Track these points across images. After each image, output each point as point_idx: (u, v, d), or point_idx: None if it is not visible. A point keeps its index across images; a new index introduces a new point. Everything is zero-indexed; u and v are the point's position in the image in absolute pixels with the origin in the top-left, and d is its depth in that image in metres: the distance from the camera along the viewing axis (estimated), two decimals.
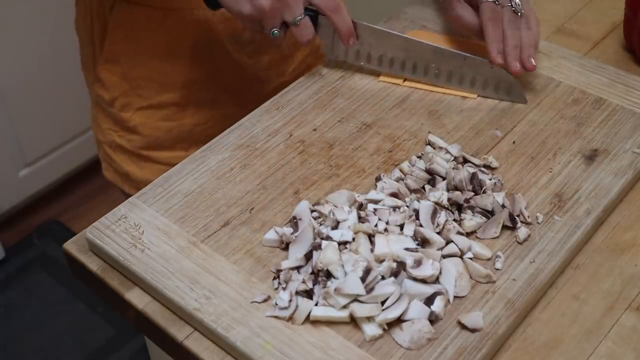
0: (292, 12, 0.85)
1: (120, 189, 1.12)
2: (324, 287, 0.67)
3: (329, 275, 0.68)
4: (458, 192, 0.77)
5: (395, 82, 0.92)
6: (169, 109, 1.04)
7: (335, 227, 0.72)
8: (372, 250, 0.70)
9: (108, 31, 1.00)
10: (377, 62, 0.93)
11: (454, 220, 0.75)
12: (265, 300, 0.69)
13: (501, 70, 0.89)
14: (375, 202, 0.75)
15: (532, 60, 0.88)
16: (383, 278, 0.68)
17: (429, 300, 0.68)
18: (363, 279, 0.67)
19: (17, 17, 1.79)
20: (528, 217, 0.76)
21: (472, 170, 0.78)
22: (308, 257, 0.70)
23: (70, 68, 1.39)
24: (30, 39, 1.82)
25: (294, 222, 0.74)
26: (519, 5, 0.89)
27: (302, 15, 0.85)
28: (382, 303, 0.67)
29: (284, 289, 0.68)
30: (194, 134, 1.07)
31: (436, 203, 0.75)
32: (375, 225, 0.73)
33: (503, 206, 0.76)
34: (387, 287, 0.67)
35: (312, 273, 0.69)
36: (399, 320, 0.67)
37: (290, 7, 0.84)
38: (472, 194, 0.77)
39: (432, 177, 0.79)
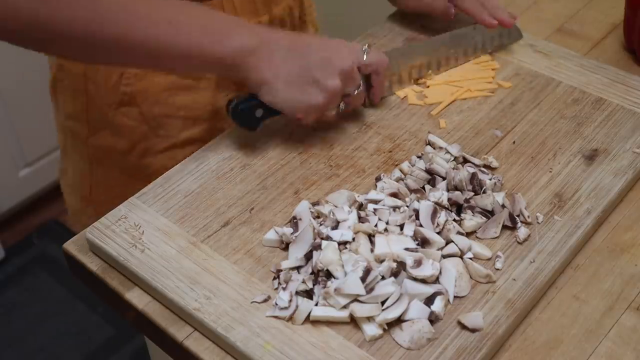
0: (355, 81, 0.82)
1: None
2: (324, 287, 0.67)
3: (329, 275, 0.68)
4: (458, 192, 0.77)
5: (418, 104, 0.92)
6: (195, 144, 0.95)
7: (335, 227, 0.72)
8: (372, 250, 0.70)
9: (125, 71, 0.93)
10: (408, 78, 0.93)
11: (454, 220, 0.75)
12: (265, 300, 0.69)
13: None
14: (375, 202, 0.75)
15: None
16: (383, 278, 0.68)
17: (429, 300, 0.68)
18: (363, 279, 0.67)
19: None
20: (528, 217, 0.76)
21: (472, 170, 0.78)
22: (308, 257, 0.70)
23: None
24: None
25: (294, 222, 0.74)
26: None
27: (361, 84, 0.83)
28: (382, 303, 0.67)
29: (284, 289, 0.68)
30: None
31: (436, 203, 0.75)
32: (375, 225, 0.73)
33: (503, 206, 0.76)
34: (387, 287, 0.67)
35: (312, 273, 0.69)
36: (399, 320, 0.66)
37: (355, 77, 0.82)
38: (472, 194, 0.77)
39: (432, 177, 0.79)
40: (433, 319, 0.67)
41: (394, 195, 0.77)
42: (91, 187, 1.03)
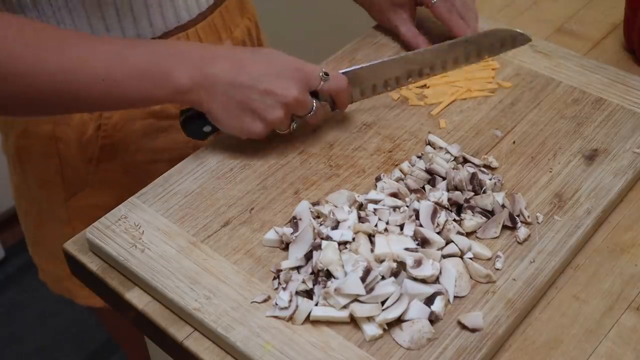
0: (305, 109, 0.80)
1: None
2: (324, 287, 0.67)
3: (329, 275, 0.68)
4: (458, 192, 0.77)
5: (418, 104, 0.91)
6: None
7: (335, 227, 0.72)
8: (372, 250, 0.70)
9: (102, 122, 0.91)
10: (383, 87, 0.89)
11: (454, 220, 0.75)
12: (265, 300, 0.69)
13: (496, 30, 0.94)
14: (375, 202, 0.75)
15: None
16: (383, 278, 0.68)
17: (429, 300, 0.68)
18: (363, 279, 0.67)
19: None
20: (528, 217, 0.76)
21: (472, 170, 0.78)
22: (308, 257, 0.70)
23: None
24: None
25: (294, 222, 0.74)
26: None
27: (315, 105, 0.81)
28: (382, 303, 0.67)
29: (284, 289, 0.68)
30: None
31: (436, 203, 0.75)
32: (375, 225, 0.73)
33: (503, 206, 0.76)
34: (387, 287, 0.67)
35: (312, 273, 0.69)
36: (399, 320, 0.66)
37: (303, 106, 0.79)
38: (472, 194, 0.77)
39: (432, 177, 0.79)
40: (433, 319, 0.67)
41: (394, 195, 0.77)
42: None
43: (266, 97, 0.77)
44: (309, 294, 0.68)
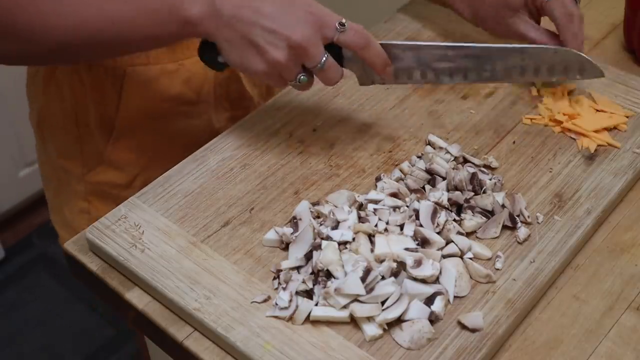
0: (312, 58, 0.74)
1: None
2: (324, 287, 0.67)
3: (329, 275, 0.68)
4: (458, 192, 0.77)
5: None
6: None
7: (335, 227, 0.72)
8: (372, 250, 0.70)
9: (121, 102, 0.92)
10: (421, 76, 0.83)
11: (454, 220, 0.75)
12: (265, 300, 0.69)
13: (569, 51, 0.83)
14: (375, 202, 0.75)
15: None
16: (383, 278, 0.68)
17: (429, 300, 0.68)
18: (363, 279, 0.67)
19: None
20: (528, 217, 0.75)
21: (472, 170, 0.78)
22: (308, 257, 0.70)
23: None
24: None
25: (294, 222, 0.74)
26: None
27: (326, 57, 0.75)
28: (382, 303, 0.67)
29: (284, 289, 0.68)
30: None
31: (436, 203, 0.75)
32: (375, 225, 0.73)
33: (503, 206, 0.76)
34: (387, 287, 0.67)
35: (312, 273, 0.69)
36: (399, 320, 0.66)
37: (309, 53, 0.74)
38: (472, 194, 0.77)
39: (432, 177, 0.79)
40: (433, 319, 0.67)
41: (394, 195, 0.77)
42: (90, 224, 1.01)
43: (269, 35, 0.74)
44: (309, 294, 0.68)
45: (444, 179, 0.79)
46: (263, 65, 0.75)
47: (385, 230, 0.72)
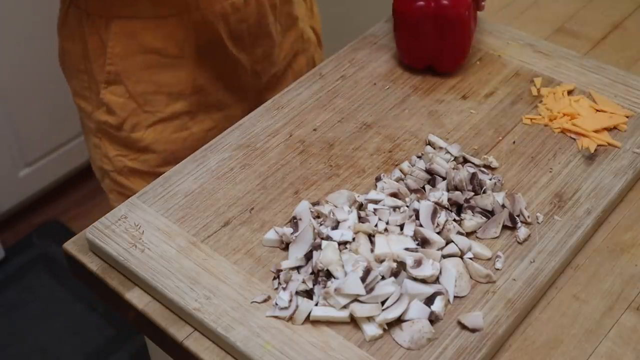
0: None
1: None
2: (324, 287, 0.67)
3: (329, 275, 0.68)
4: (458, 192, 0.77)
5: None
6: (180, 119, 1.03)
7: (335, 227, 0.72)
8: (372, 250, 0.70)
9: (107, 51, 0.98)
10: None
11: (454, 220, 0.75)
12: (265, 300, 0.69)
13: None
14: (375, 202, 0.75)
15: None
16: (383, 278, 0.68)
17: (429, 300, 0.68)
18: (363, 279, 0.67)
19: (17, 16, 1.79)
20: (528, 217, 0.76)
21: (472, 170, 0.78)
22: (308, 257, 0.70)
23: None
24: (30, 39, 1.82)
25: (294, 222, 0.74)
26: None
27: None
28: (382, 303, 0.67)
29: (284, 289, 0.68)
30: (207, 140, 1.04)
31: (436, 203, 0.75)
32: (375, 225, 0.73)
33: (503, 206, 0.76)
34: (387, 287, 0.67)
35: (312, 273, 0.69)
36: (399, 320, 0.67)
37: None
38: (472, 194, 0.77)
39: (432, 177, 0.79)
40: (433, 319, 0.67)
41: (394, 195, 0.77)
42: (102, 160, 1.08)
43: None
44: (309, 294, 0.68)
45: (444, 179, 0.79)
46: None
47: (385, 230, 0.72)
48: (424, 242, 0.71)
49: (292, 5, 1.09)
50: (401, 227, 0.73)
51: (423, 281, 0.68)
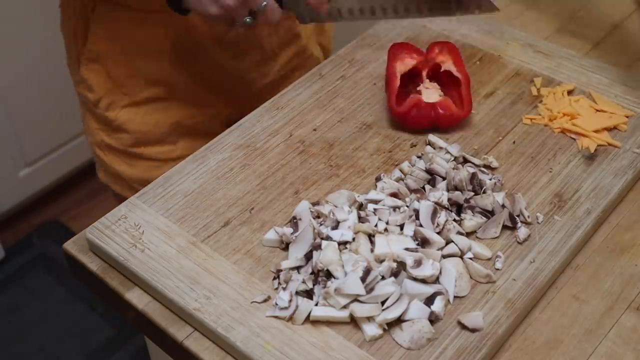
0: (256, 1, 0.85)
1: (112, 190, 1.12)
2: (324, 287, 0.67)
3: (329, 275, 0.68)
4: (458, 192, 0.77)
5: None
6: (155, 103, 1.05)
7: (335, 227, 0.72)
8: (372, 250, 0.70)
9: (90, 31, 1.01)
10: (348, 14, 0.91)
11: (454, 220, 0.75)
12: (265, 300, 0.69)
13: None
14: (375, 202, 0.75)
15: None
16: (383, 278, 0.68)
17: (429, 300, 0.68)
18: (363, 279, 0.67)
19: (17, 16, 1.79)
20: (528, 217, 0.76)
21: (472, 170, 0.78)
22: (308, 257, 0.70)
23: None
24: (30, 39, 1.82)
25: (294, 222, 0.74)
26: None
27: (266, 1, 0.85)
28: (382, 303, 0.67)
29: (284, 289, 0.68)
30: (181, 126, 1.07)
31: (436, 203, 0.75)
32: (375, 225, 0.73)
33: (503, 206, 0.76)
34: (387, 287, 0.67)
35: (312, 273, 0.69)
36: (399, 320, 0.67)
37: None
38: (472, 194, 0.77)
39: (432, 177, 0.79)
40: (433, 319, 0.67)
41: (394, 195, 0.77)
42: (87, 132, 1.12)
43: None
44: (309, 294, 0.68)
45: (444, 179, 0.79)
46: (215, 8, 0.86)
47: (385, 230, 0.72)
48: (424, 242, 0.71)
49: (294, 20, 1.08)
50: (401, 227, 0.73)
51: (423, 281, 0.68)
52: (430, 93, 0.88)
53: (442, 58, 0.89)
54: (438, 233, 0.73)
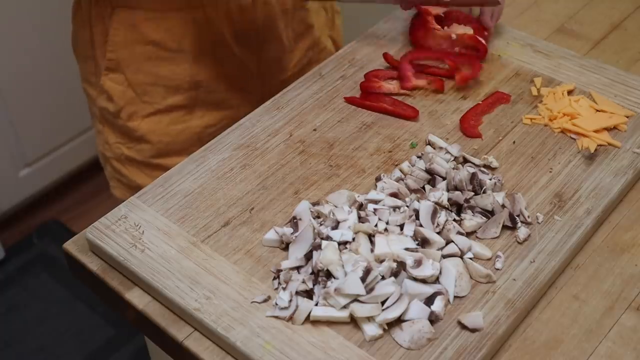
0: None
1: None
2: (324, 287, 0.67)
3: (329, 275, 0.68)
4: (458, 192, 0.77)
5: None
6: (177, 112, 1.04)
7: (335, 227, 0.72)
8: (372, 250, 0.70)
9: (109, 39, 1.00)
10: None
11: (454, 220, 0.75)
12: (265, 301, 0.69)
13: None
14: (375, 202, 0.75)
15: None
16: (383, 278, 0.68)
17: (429, 300, 0.68)
18: (363, 279, 0.67)
19: (17, 17, 1.79)
20: (528, 217, 0.75)
21: (472, 170, 0.78)
22: (308, 257, 0.70)
23: (70, 68, 1.39)
24: (30, 39, 1.82)
25: (294, 222, 0.74)
26: None
27: None
28: (382, 303, 0.67)
29: (284, 289, 0.68)
30: (204, 136, 1.06)
31: (436, 203, 0.75)
32: (375, 225, 0.73)
33: (503, 206, 0.76)
34: (387, 287, 0.67)
35: (312, 273, 0.69)
36: (399, 320, 0.67)
37: None
38: (472, 194, 0.77)
39: (432, 177, 0.79)
40: (433, 319, 0.67)
41: (394, 195, 0.77)
42: (104, 147, 1.10)
43: None
44: (309, 294, 0.68)
45: (444, 179, 0.79)
46: None
47: (385, 230, 0.72)
48: (424, 242, 0.71)
49: (308, 12, 1.08)
50: (401, 227, 0.73)
51: (423, 281, 0.68)
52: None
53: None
54: (438, 233, 0.73)
